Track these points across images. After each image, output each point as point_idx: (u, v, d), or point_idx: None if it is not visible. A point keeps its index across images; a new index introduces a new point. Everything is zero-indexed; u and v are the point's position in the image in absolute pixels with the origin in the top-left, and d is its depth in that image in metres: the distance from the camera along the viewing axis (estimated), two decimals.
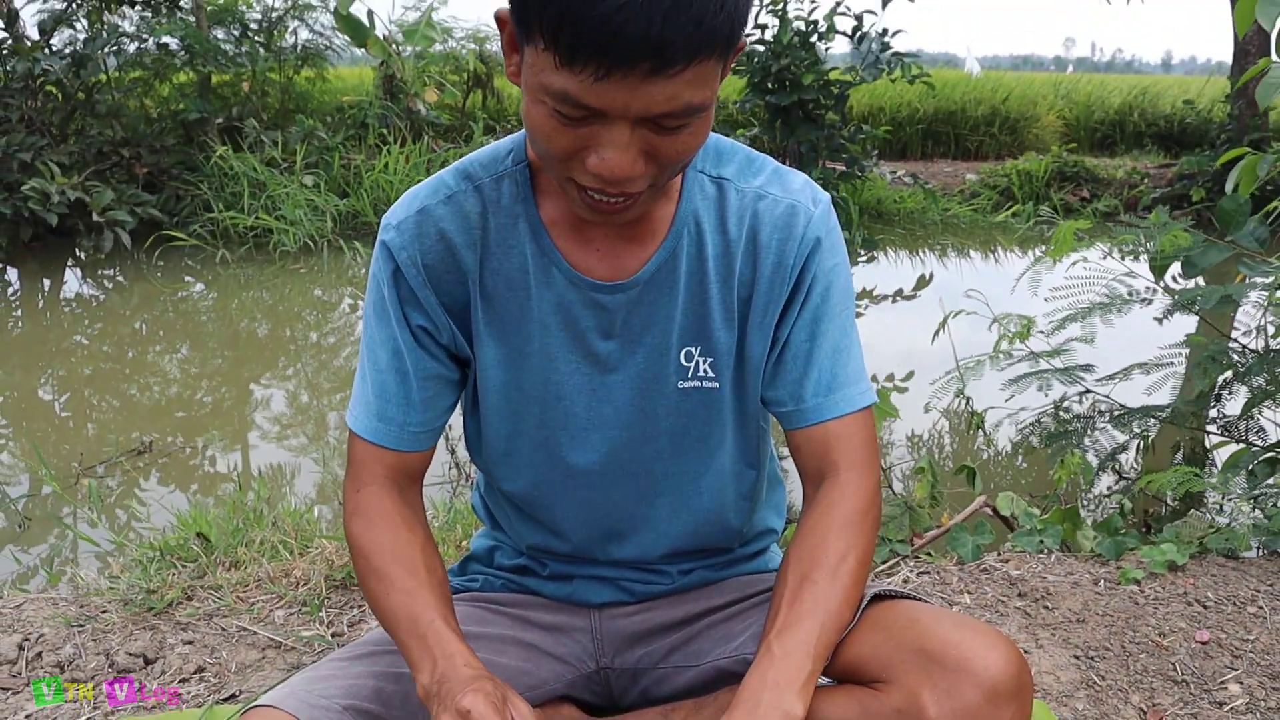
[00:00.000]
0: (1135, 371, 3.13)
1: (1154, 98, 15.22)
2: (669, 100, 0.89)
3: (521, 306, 1.14)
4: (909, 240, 9.19)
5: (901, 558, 2.28)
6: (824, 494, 1.16)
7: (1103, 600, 2.04)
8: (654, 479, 1.23)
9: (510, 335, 1.16)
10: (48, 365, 5.52)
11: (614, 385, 1.17)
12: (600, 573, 1.32)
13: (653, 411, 1.19)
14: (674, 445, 1.21)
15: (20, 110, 7.71)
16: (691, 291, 1.15)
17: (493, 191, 1.14)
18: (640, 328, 1.15)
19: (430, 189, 1.15)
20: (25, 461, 3.97)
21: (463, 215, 1.13)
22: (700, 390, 1.18)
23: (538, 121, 0.94)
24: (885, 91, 13.18)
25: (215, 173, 8.27)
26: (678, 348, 1.16)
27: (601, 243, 1.13)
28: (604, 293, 1.13)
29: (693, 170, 1.14)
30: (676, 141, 0.94)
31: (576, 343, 1.16)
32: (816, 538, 1.13)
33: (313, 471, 3.91)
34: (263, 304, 6.83)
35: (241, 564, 2.16)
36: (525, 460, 1.23)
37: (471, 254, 1.13)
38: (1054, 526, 2.35)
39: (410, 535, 1.16)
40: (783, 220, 1.14)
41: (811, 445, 1.18)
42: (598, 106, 0.89)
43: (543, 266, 1.13)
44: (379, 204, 8.50)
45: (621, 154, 0.92)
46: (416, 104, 9.51)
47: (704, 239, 1.14)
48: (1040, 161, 10.94)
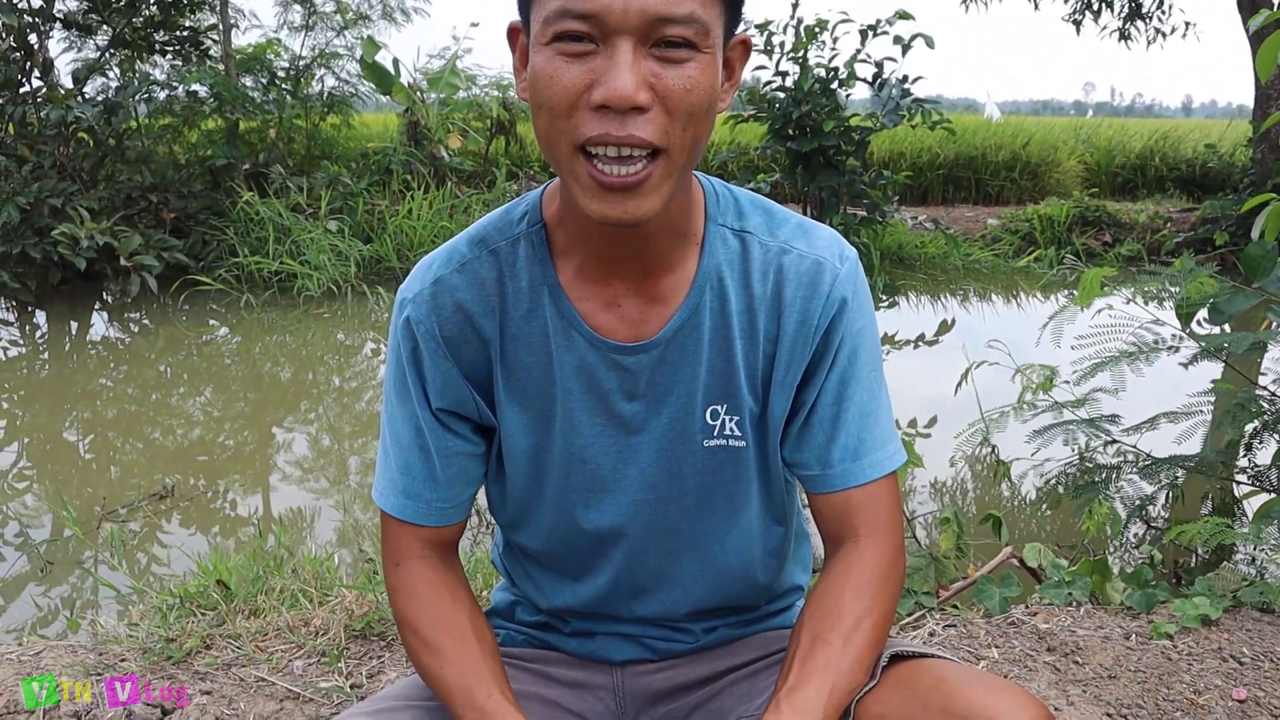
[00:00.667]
0: (1162, 420, 3.09)
1: (1175, 142, 15.23)
2: (668, 3, 0.90)
3: (543, 370, 1.12)
4: (931, 285, 9.17)
5: (927, 610, 2.25)
6: (843, 556, 1.14)
7: (1134, 655, 2.00)
8: (679, 538, 1.21)
9: (533, 400, 1.14)
10: (73, 407, 5.56)
11: (639, 446, 1.15)
12: (623, 630, 1.30)
13: (679, 472, 1.17)
14: (700, 504, 1.19)
15: (53, 156, 7.85)
16: (716, 349, 1.12)
17: (508, 255, 1.12)
18: (665, 388, 1.13)
19: (444, 258, 1.13)
20: (49, 504, 3.99)
21: (479, 282, 1.11)
22: (727, 449, 1.16)
23: (544, 74, 0.93)
24: (906, 137, 13.24)
25: (241, 218, 8.37)
26: (703, 406, 1.14)
27: (622, 301, 1.11)
28: (626, 354, 1.11)
29: (714, 224, 1.13)
30: (681, 75, 0.92)
31: (600, 405, 1.14)
32: (832, 599, 1.11)
33: (333, 516, 3.90)
34: (286, 348, 6.87)
35: (261, 612, 2.15)
36: (548, 522, 1.21)
37: (490, 321, 1.11)
38: (1082, 578, 2.31)
39: (456, 604, 1.15)
40: (808, 277, 1.12)
41: (834, 510, 1.16)
42: (595, 11, 0.89)
43: (563, 329, 1.11)
44: (402, 249, 8.57)
45: (626, 73, 0.90)
46: (440, 150, 9.62)
47: (727, 294, 1.12)
48: (1062, 206, 10.93)
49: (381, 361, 6.52)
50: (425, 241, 8.62)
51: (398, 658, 2.02)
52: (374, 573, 2.39)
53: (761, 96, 8.25)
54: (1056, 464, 3.19)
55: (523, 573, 1.31)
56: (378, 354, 6.69)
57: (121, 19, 8.51)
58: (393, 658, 2.02)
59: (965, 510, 4.02)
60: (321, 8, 10.34)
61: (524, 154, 11.52)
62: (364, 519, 3.86)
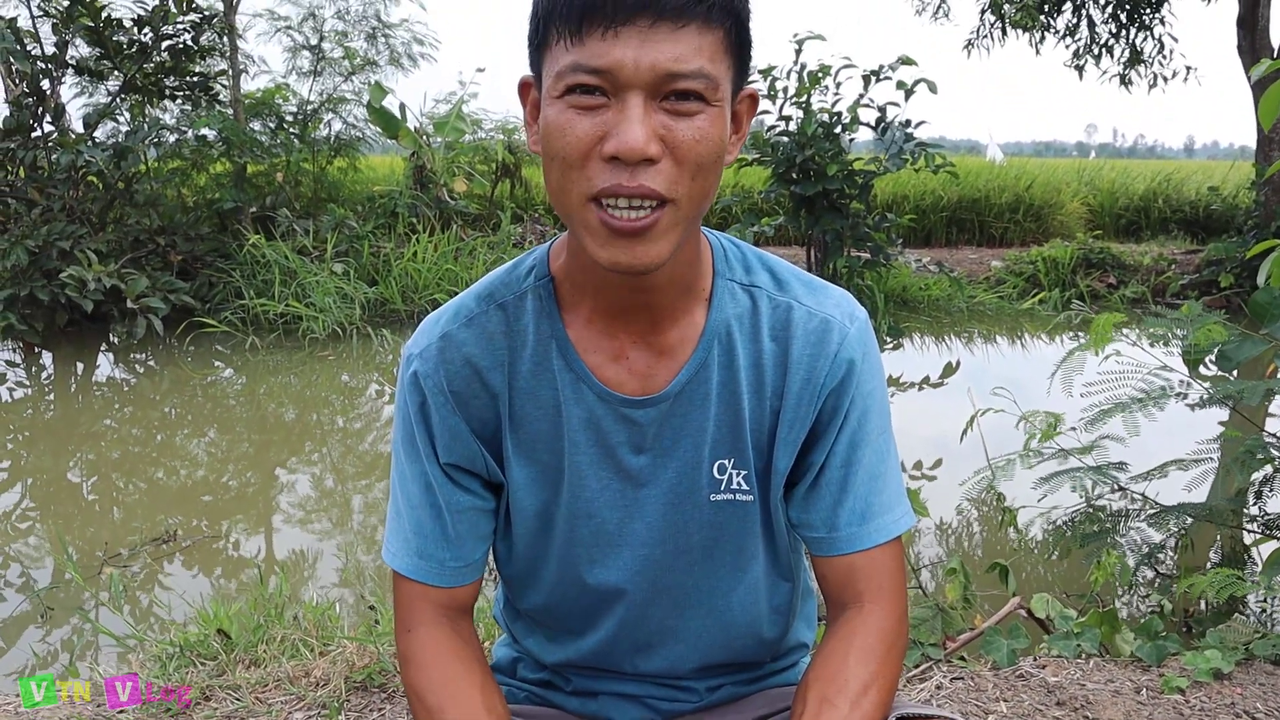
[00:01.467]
0: (1171, 468, 3.06)
1: (1178, 184, 15.29)
2: (678, 60, 0.90)
3: (551, 423, 1.12)
4: (935, 327, 9.17)
5: (934, 662, 2.22)
6: (848, 621, 1.13)
7: (1146, 710, 1.97)
8: (685, 593, 1.20)
9: (540, 454, 1.13)
10: (77, 449, 5.56)
11: (645, 500, 1.14)
12: (626, 689, 1.28)
13: (684, 525, 1.16)
14: (706, 559, 1.18)
15: (62, 200, 7.91)
16: (724, 402, 1.12)
17: (515, 309, 1.12)
18: (671, 441, 1.13)
19: (451, 314, 1.13)
20: (50, 547, 3.97)
21: (487, 337, 1.11)
22: (734, 504, 1.15)
23: (557, 126, 0.94)
24: (909, 180, 13.30)
25: (248, 260, 8.42)
26: (710, 460, 1.13)
27: (630, 354, 1.11)
28: (635, 407, 1.11)
29: (723, 279, 1.13)
30: (691, 127, 0.93)
31: (607, 459, 1.13)
32: (837, 663, 1.09)
33: (336, 559, 3.88)
34: (290, 389, 6.88)
35: (261, 662, 2.13)
36: (552, 577, 1.20)
37: (499, 374, 1.11)
38: (1092, 629, 2.28)
39: (466, 675, 1.12)
40: (815, 335, 1.11)
41: (838, 574, 1.15)
42: (606, 67, 0.90)
43: (571, 382, 1.11)
44: (407, 291, 8.59)
45: (637, 127, 0.91)
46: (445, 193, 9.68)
47: (735, 349, 1.11)
48: (1066, 248, 10.95)
49: (385, 403, 6.52)
50: (430, 284, 8.65)
51: (399, 710, 2.00)
52: (375, 622, 2.37)
53: (765, 141, 8.31)
54: (1064, 511, 3.16)
55: (525, 628, 1.30)
56: (381, 395, 6.69)
57: (132, 65, 8.61)
58: (394, 710, 2.00)
59: (971, 555, 3.99)
60: (330, 54, 10.47)
61: (529, 197, 11.59)
62: (366, 561, 3.83)
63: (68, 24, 8.07)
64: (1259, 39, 10.58)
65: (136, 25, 8.46)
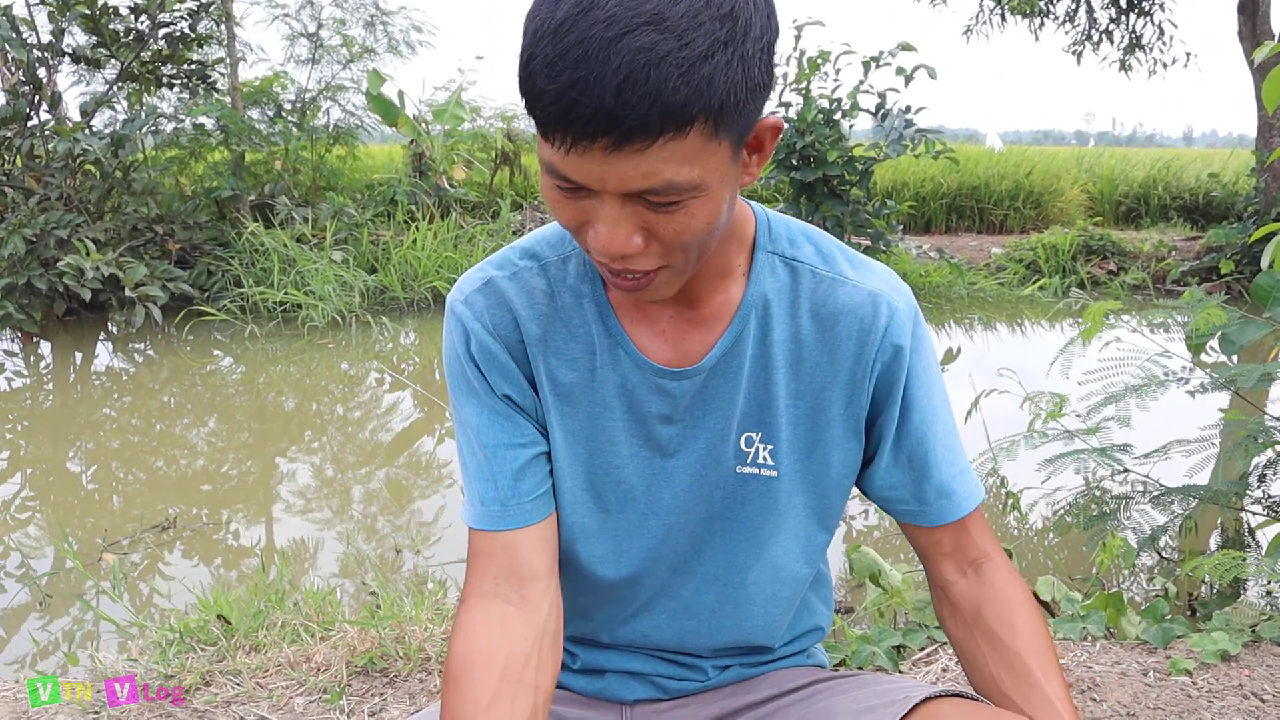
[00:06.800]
0: (1175, 450, 3.05)
1: (1178, 171, 15.26)
2: (645, 177, 0.85)
3: (584, 388, 1.12)
4: (936, 314, 9.16)
5: (939, 645, 2.21)
6: (987, 578, 1.18)
7: (1153, 692, 1.96)
8: (704, 566, 1.19)
9: (571, 417, 1.13)
10: (76, 438, 5.54)
11: (673, 470, 1.14)
12: (633, 667, 1.27)
13: (708, 496, 1.15)
14: (727, 533, 1.17)
15: (60, 188, 7.87)
16: (756, 375, 1.11)
17: (558, 271, 1.12)
18: (702, 412, 1.12)
19: (496, 264, 1.14)
20: (50, 535, 3.96)
21: (529, 292, 1.11)
22: (758, 478, 1.14)
23: (546, 195, 0.94)
24: (909, 167, 13.27)
25: (246, 249, 8.39)
26: (738, 432, 1.12)
27: (668, 325, 1.11)
28: (670, 378, 1.10)
29: (764, 252, 1.11)
30: (673, 220, 0.90)
31: (639, 426, 1.12)
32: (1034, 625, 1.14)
33: (336, 547, 3.87)
34: (290, 378, 6.86)
35: (262, 647, 2.12)
36: (574, 545, 1.19)
37: (537, 328, 1.11)
38: (1098, 612, 2.27)
39: (503, 646, 1.07)
40: (865, 312, 1.10)
41: (934, 543, 1.20)
42: (577, 180, 0.88)
43: (609, 348, 1.11)
44: (407, 279, 8.57)
45: (612, 229, 0.90)
46: (445, 181, 9.65)
47: (771, 322, 1.10)
48: (1066, 235, 10.93)
49: (386, 391, 6.50)
50: (430, 272, 8.62)
51: (400, 695, 1.98)
52: (376, 607, 2.36)
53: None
54: (1067, 493, 3.15)
55: None
56: (382, 384, 6.67)
57: (130, 53, 8.56)
58: (395, 695, 1.98)
59: None
60: (328, 41, 10.42)
61: (528, 185, 11.55)
62: (367, 549, 3.82)
63: (64, 11, 8.03)
64: (1259, 24, 10.53)
65: (133, 13, 8.41)
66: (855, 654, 2.09)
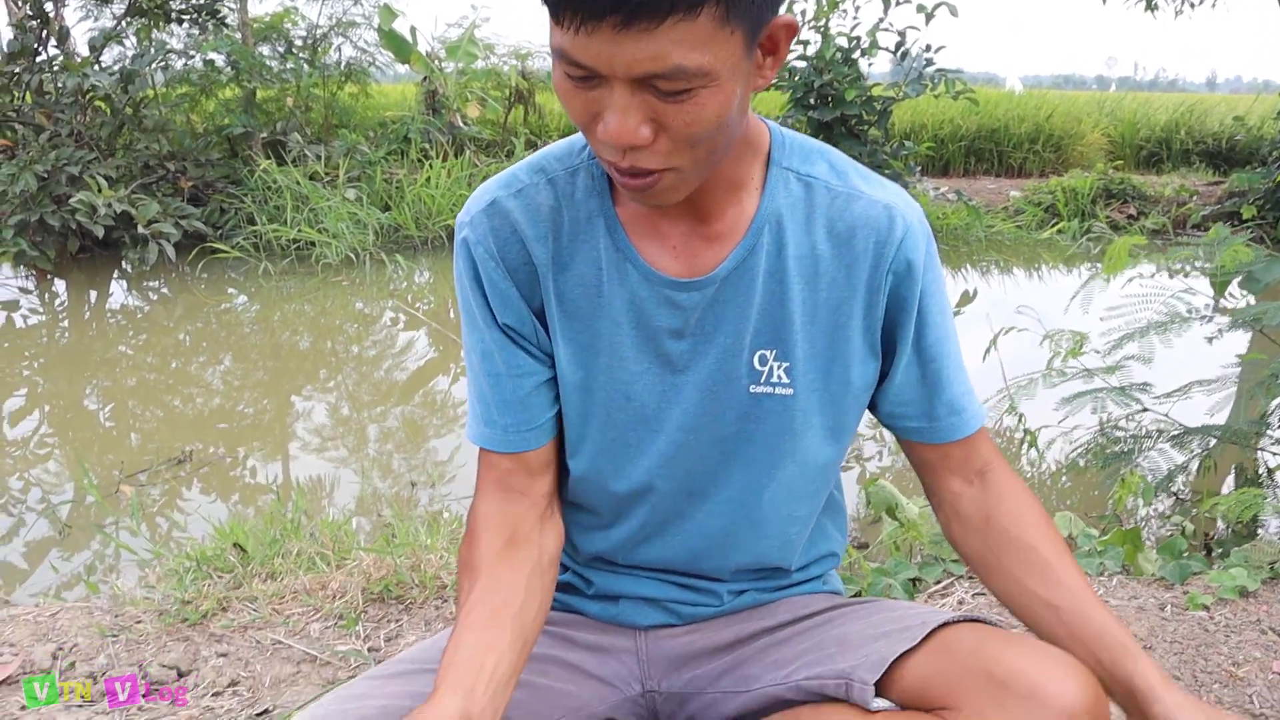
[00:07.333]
0: (1195, 389, 3.02)
1: (1201, 115, 14.98)
2: (654, 60, 0.84)
3: (592, 303, 1.11)
4: (952, 257, 9.07)
5: (956, 578, 2.20)
6: (993, 485, 1.19)
7: (1170, 626, 1.95)
8: (716, 486, 1.18)
9: (580, 333, 1.12)
10: (92, 375, 5.56)
11: (683, 386, 1.13)
12: (647, 593, 1.26)
13: (720, 415, 1.14)
14: (739, 452, 1.16)
15: (70, 125, 7.82)
16: (770, 291, 1.09)
17: (566, 185, 1.10)
18: (713, 327, 1.10)
19: (502, 182, 1.13)
20: (69, 470, 3.99)
21: (534, 208, 1.10)
22: (772, 397, 1.13)
23: (558, 87, 0.93)
24: (928, 108, 13.08)
25: (259, 186, 8.34)
26: (750, 350, 1.11)
27: (678, 239, 1.09)
28: (679, 290, 1.09)
29: (778, 167, 1.10)
30: (682, 111, 0.88)
31: (648, 342, 1.11)
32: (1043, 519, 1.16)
33: (352, 483, 3.88)
34: (304, 316, 6.86)
35: (278, 575, 2.13)
36: (589, 462, 1.19)
37: (543, 248, 1.10)
38: (1115, 548, 2.25)
39: (507, 557, 1.13)
40: (881, 224, 1.09)
41: (939, 460, 1.20)
42: (586, 63, 0.86)
43: (616, 262, 1.09)
44: (420, 217, 8.53)
45: (621, 118, 0.88)
46: (458, 119, 9.56)
47: (785, 238, 1.09)
48: (1086, 179, 10.77)
49: (401, 330, 6.50)
50: (444, 210, 8.57)
51: (416, 621, 1.99)
52: (392, 535, 2.36)
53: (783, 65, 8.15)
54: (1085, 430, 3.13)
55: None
56: (396, 322, 6.67)
57: None
58: (411, 621, 1.99)
59: None
60: None
61: (542, 123, 11.43)
62: (383, 487, 3.84)
63: None
64: None
65: None
66: (871, 586, 2.09)
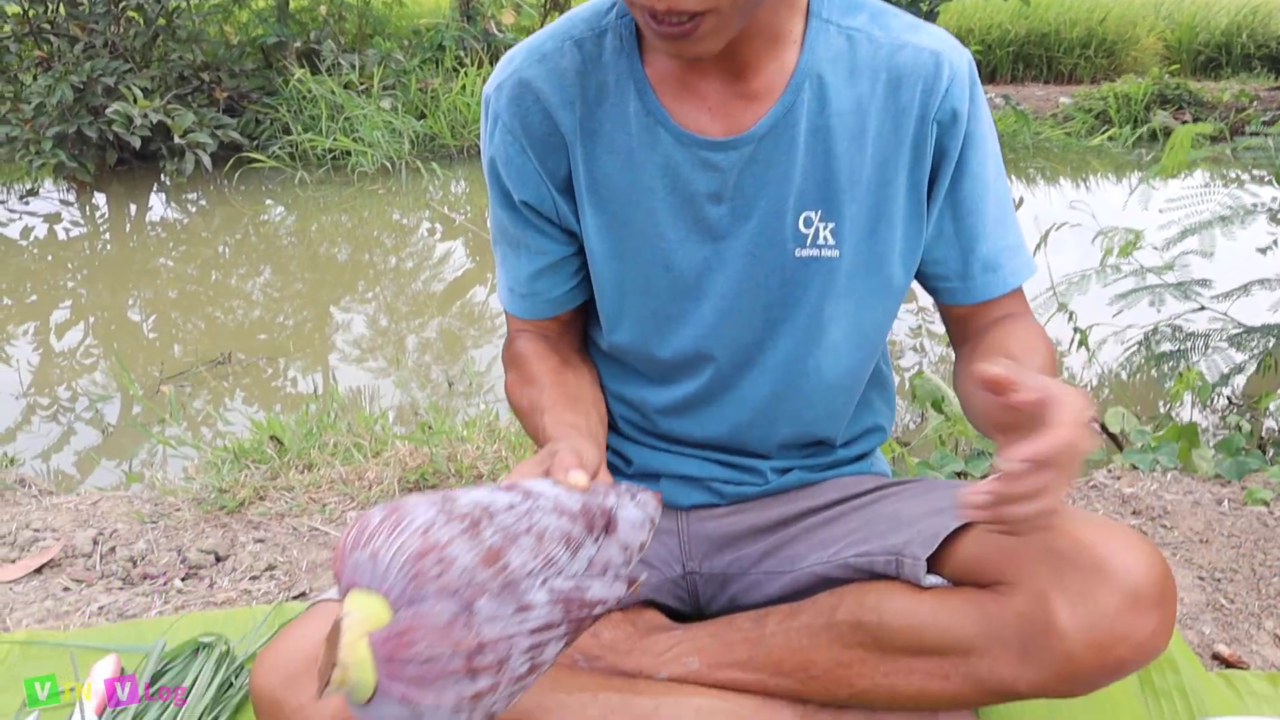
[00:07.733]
0: (1256, 288, 2.91)
1: (1265, 17, 14.35)
2: None
3: (624, 169, 1.05)
4: None
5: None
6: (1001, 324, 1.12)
7: (1227, 520, 1.89)
8: (762, 355, 1.13)
9: (612, 202, 1.07)
10: (134, 286, 5.59)
11: (725, 253, 1.07)
12: (689, 471, 1.22)
13: (765, 281, 1.08)
14: (786, 318, 1.11)
15: (104, 35, 7.77)
16: (813, 150, 1.03)
17: (593, 47, 1.05)
18: (754, 190, 1.04)
19: (526, 50, 1.08)
20: (114, 380, 4.02)
21: (559, 74, 1.05)
22: (819, 260, 1.07)
23: None
24: (975, 12, 12.68)
25: (294, 96, 8.26)
26: (795, 212, 1.05)
27: (713, 98, 1.03)
28: (715, 150, 1.02)
29: (818, 19, 1.03)
30: None
31: (685, 207, 1.06)
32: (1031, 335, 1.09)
33: (390, 393, 3.88)
34: (341, 227, 6.83)
35: (314, 466, 2.12)
36: (630, 335, 1.15)
37: (569, 114, 1.05)
38: (1169, 444, 2.18)
39: (564, 363, 1.16)
40: (928, 72, 1.02)
41: (972, 320, 1.14)
42: None
43: (647, 125, 1.03)
44: (456, 126, 8.43)
45: None
46: (493, 26, 9.40)
47: (828, 94, 1.02)
48: (1140, 84, 10.39)
49: (438, 240, 6.47)
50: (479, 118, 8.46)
51: None
52: (428, 425, 2.35)
53: None
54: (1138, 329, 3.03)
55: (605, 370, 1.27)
56: (433, 233, 6.63)
57: None
58: None
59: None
60: None
61: None
62: (421, 397, 3.83)
63: None
64: None
65: None
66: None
